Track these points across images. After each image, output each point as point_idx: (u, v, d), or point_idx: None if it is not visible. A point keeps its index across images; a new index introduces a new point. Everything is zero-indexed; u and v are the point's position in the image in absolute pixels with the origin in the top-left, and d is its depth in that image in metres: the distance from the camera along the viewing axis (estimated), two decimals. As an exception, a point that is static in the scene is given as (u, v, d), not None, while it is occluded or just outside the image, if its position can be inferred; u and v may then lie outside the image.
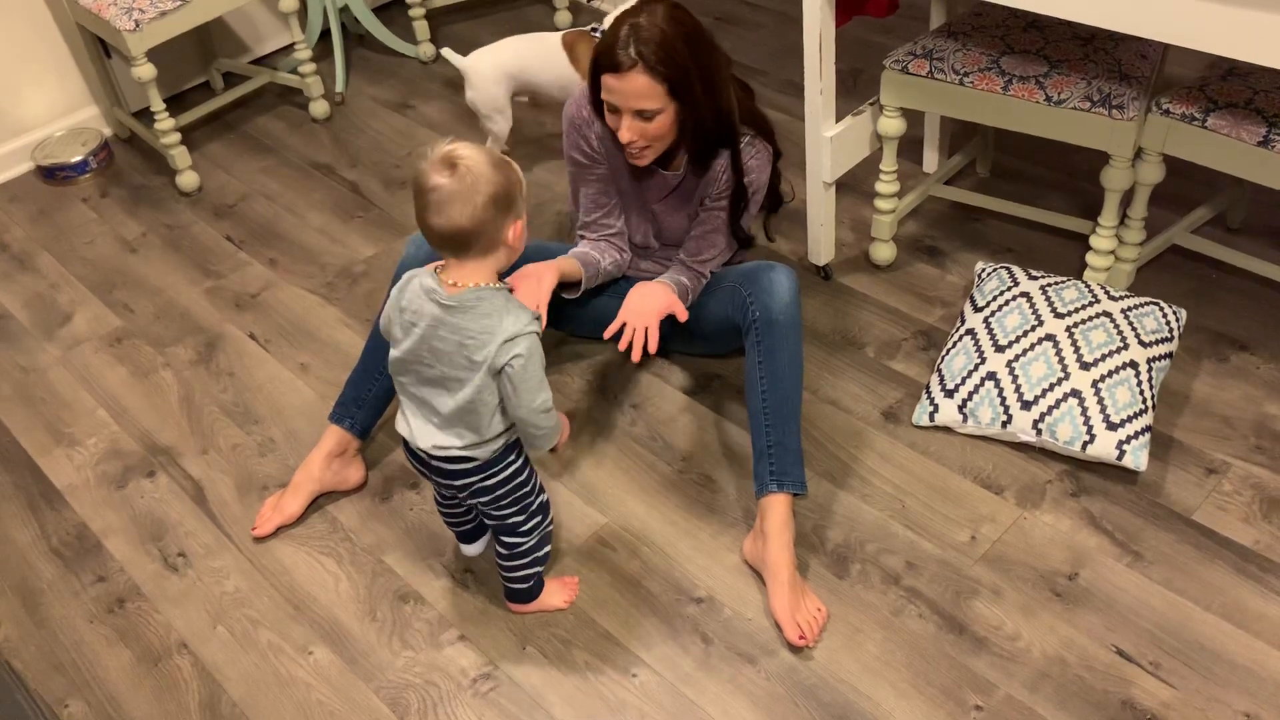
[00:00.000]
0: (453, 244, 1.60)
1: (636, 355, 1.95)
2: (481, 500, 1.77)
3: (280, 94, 3.52)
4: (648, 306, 2.00)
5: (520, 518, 1.81)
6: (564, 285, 2.08)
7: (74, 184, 3.22)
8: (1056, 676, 1.78)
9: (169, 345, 2.61)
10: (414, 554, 2.07)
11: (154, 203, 3.11)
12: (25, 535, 2.20)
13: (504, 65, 2.81)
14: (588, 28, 2.80)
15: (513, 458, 1.75)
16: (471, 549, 2.04)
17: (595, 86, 1.94)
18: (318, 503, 2.18)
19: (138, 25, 2.83)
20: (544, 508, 1.84)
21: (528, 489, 1.79)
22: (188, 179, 3.10)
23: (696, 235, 2.13)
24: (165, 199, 3.12)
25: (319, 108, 3.36)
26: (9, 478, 2.33)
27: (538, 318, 1.66)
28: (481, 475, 1.73)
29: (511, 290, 1.70)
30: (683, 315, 2.02)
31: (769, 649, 1.86)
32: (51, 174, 3.22)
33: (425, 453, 1.71)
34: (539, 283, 1.95)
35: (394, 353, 1.70)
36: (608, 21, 2.54)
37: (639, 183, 2.14)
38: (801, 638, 1.84)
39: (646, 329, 1.97)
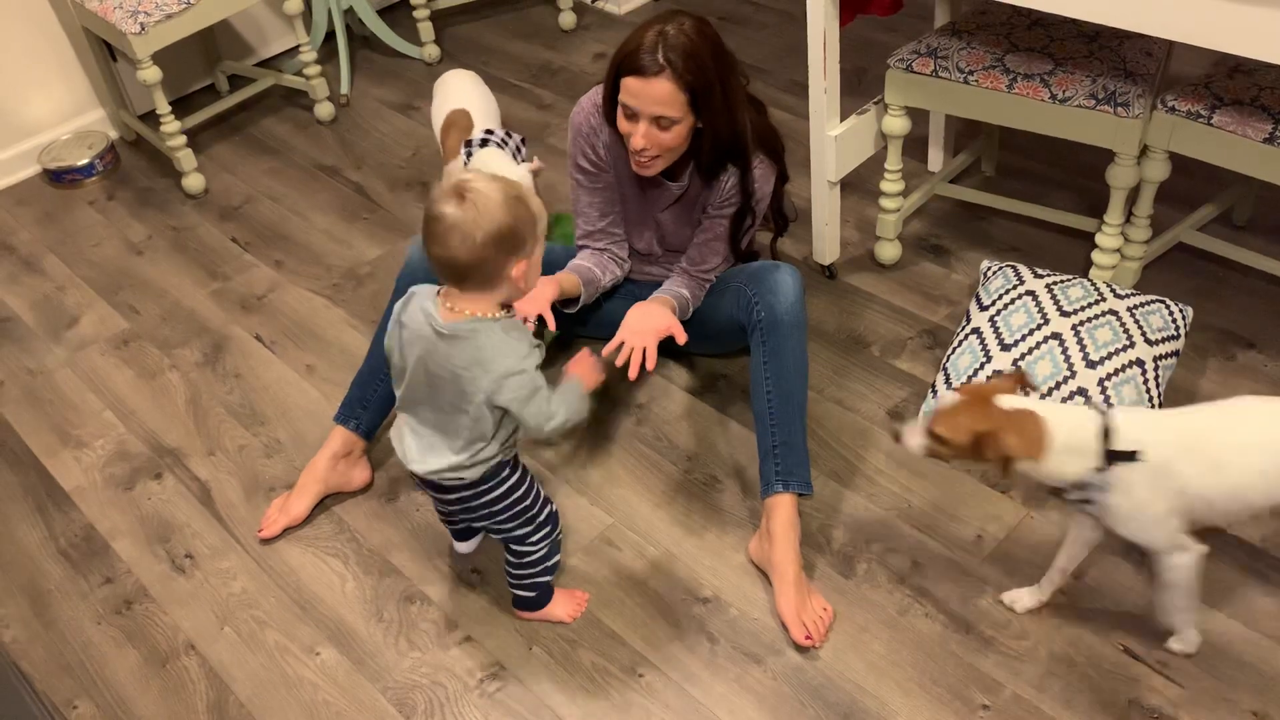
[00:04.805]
0: (450, 275, 1.57)
1: (634, 373, 1.94)
2: (479, 515, 1.76)
3: (285, 96, 3.52)
4: (647, 325, 1.98)
5: (525, 530, 1.79)
6: (562, 300, 2.09)
7: (80, 187, 3.23)
8: (1064, 675, 1.77)
9: (175, 347, 2.62)
10: (420, 554, 2.08)
11: (160, 205, 3.12)
12: (33, 537, 2.21)
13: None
14: (469, 143, 2.56)
15: (506, 474, 1.72)
16: (464, 547, 2.04)
17: (612, 90, 1.93)
18: (324, 504, 2.18)
19: (143, 28, 2.83)
20: (551, 519, 1.82)
21: (528, 503, 1.77)
22: (193, 181, 3.10)
23: (699, 244, 2.12)
24: (171, 201, 3.12)
25: (324, 109, 3.36)
26: (17, 479, 2.33)
27: (537, 346, 1.60)
28: (474, 492, 1.71)
29: (513, 314, 1.63)
30: (681, 338, 2.01)
31: (775, 649, 1.86)
32: (58, 177, 3.23)
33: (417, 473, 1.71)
34: (536, 299, 1.99)
35: (397, 391, 1.70)
36: (475, 157, 2.47)
37: (643, 192, 2.13)
38: (808, 637, 1.83)
39: (645, 348, 1.96)
